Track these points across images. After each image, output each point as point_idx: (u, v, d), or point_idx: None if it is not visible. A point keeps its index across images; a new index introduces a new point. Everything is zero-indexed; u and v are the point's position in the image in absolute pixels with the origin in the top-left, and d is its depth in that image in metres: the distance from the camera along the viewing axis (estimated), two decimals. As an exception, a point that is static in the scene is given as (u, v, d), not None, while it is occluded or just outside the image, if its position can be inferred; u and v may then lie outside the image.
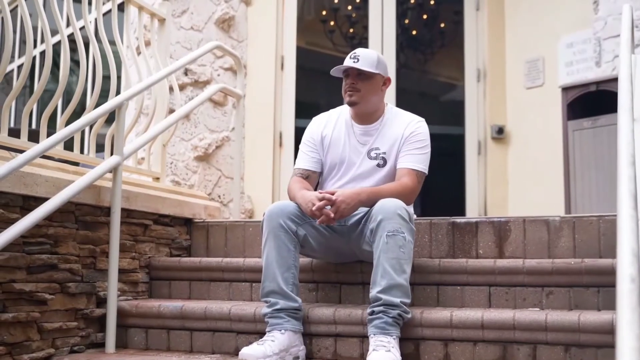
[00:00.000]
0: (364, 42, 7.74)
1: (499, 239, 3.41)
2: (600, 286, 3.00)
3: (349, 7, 7.46)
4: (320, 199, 3.00)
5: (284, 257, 3.02)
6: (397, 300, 2.83)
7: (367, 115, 3.29)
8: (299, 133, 6.68)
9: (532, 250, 3.35)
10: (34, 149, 2.86)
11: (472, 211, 6.75)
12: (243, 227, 3.87)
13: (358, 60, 3.20)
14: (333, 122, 3.36)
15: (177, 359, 3.08)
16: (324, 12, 7.51)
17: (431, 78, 7.92)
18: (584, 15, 6.23)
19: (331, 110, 3.47)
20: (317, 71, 7.38)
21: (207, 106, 6.29)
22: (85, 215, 3.28)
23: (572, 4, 6.40)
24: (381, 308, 2.83)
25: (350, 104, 3.25)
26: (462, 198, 6.90)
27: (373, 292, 2.87)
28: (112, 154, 3.38)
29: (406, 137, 3.23)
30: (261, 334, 3.09)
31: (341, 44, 7.54)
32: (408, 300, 2.88)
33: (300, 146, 3.40)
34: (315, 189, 3.32)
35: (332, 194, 3.03)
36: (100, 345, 3.31)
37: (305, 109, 6.81)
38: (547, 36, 6.58)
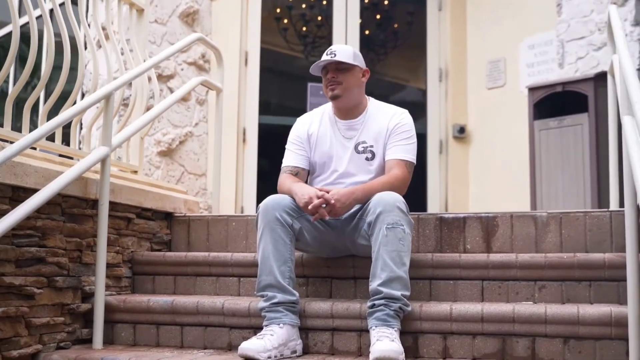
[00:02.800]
0: (317, 41, 7.75)
1: (487, 234, 3.44)
2: (592, 280, 3.06)
3: (303, 6, 7.47)
4: (319, 197, 2.99)
5: (280, 251, 2.99)
6: (398, 293, 2.83)
7: (350, 110, 3.30)
8: (261, 130, 6.66)
9: (520, 246, 3.39)
10: (27, 137, 2.75)
11: (433, 210, 6.82)
12: (226, 221, 3.82)
13: (335, 55, 3.21)
14: (318, 120, 3.36)
15: (169, 353, 3.02)
16: (278, 10, 7.49)
17: (390, 78, 7.97)
18: (546, 17, 6.37)
19: (314, 110, 3.47)
20: (270, 70, 7.34)
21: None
22: (72, 208, 3.19)
23: (535, 7, 6.53)
24: (382, 301, 2.83)
25: (333, 98, 3.25)
26: (424, 197, 6.97)
27: (373, 285, 2.87)
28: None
29: (391, 129, 3.25)
30: (255, 328, 3.06)
31: (294, 42, 7.55)
32: (408, 293, 2.89)
33: (287, 145, 3.38)
34: None
35: (328, 192, 3.02)
36: (86, 341, 3.22)
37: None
38: (509, 38, 6.70)
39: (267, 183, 7.44)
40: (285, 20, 7.50)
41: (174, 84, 6.23)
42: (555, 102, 5.49)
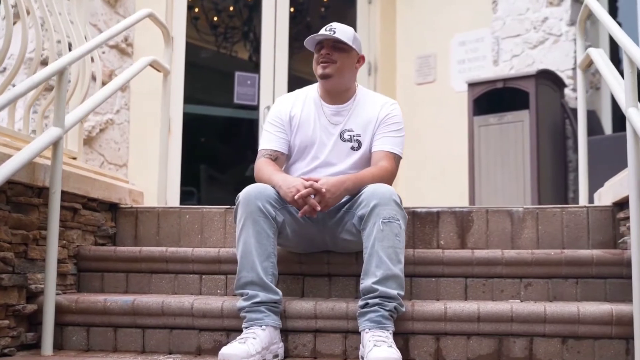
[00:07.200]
0: (229, 32, 7.47)
1: (461, 229, 3.30)
2: (579, 277, 2.97)
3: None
4: (307, 187, 2.75)
5: (263, 245, 2.73)
6: (394, 292, 2.64)
7: (338, 94, 3.08)
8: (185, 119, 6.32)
9: (495, 242, 3.27)
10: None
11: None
12: (179, 214, 3.52)
13: (335, 32, 2.99)
14: (301, 102, 3.12)
15: (132, 359, 2.71)
16: (189, -1, 7.20)
17: (304, 75, 7.77)
18: (478, 14, 6.35)
19: (296, 90, 3.23)
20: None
21: (92, 85, 5.76)
22: (17, 196, 2.82)
23: (466, 3, 6.50)
24: (377, 300, 2.63)
25: (324, 77, 3.01)
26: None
27: (367, 282, 2.66)
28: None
29: (381, 119, 3.06)
30: (229, 330, 2.81)
31: (206, 32, 7.26)
32: (403, 293, 2.70)
33: (265, 126, 3.12)
34: None
35: (316, 181, 2.79)
36: (31, 346, 2.86)
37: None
38: (440, 34, 6.64)
39: (190, 175, 7.12)
40: (197, 9, 7.20)
41: (93, 68, 5.79)
42: (493, 98, 5.45)
